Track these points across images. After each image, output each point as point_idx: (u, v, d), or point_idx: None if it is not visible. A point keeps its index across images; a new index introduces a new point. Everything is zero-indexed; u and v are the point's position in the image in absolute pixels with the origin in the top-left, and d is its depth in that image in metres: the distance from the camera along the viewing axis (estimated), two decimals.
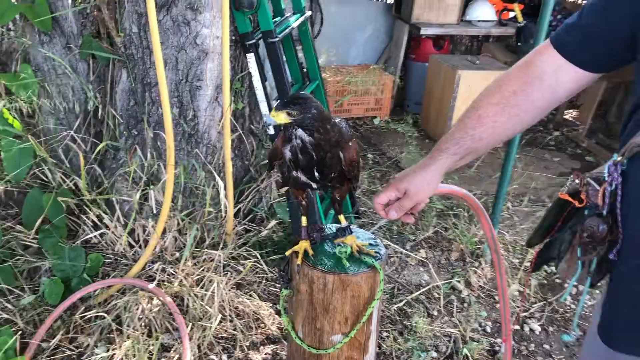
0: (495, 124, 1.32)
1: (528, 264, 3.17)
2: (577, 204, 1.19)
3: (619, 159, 1.12)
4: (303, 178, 1.34)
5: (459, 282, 3.07)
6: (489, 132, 1.33)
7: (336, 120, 1.33)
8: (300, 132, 1.23)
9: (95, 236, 2.68)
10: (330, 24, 5.23)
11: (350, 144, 1.33)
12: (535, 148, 4.82)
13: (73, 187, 2.72)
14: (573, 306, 3.00)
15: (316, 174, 1.31)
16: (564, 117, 5.47)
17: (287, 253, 1.48)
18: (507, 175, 3.06)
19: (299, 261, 1.41)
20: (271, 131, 2.65)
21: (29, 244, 2.70)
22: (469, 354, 2.61)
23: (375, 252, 1.45)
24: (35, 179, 2.81)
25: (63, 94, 2.76)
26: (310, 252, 1.42)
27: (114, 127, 2.72)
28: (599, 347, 1.18)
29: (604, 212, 1.13)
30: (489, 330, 2.81)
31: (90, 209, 2.65)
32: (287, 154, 1.29)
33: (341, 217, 1.50)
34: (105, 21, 2.55)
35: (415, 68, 5.60)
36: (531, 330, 2.82)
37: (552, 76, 1.27)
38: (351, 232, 1.50)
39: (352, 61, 5.65)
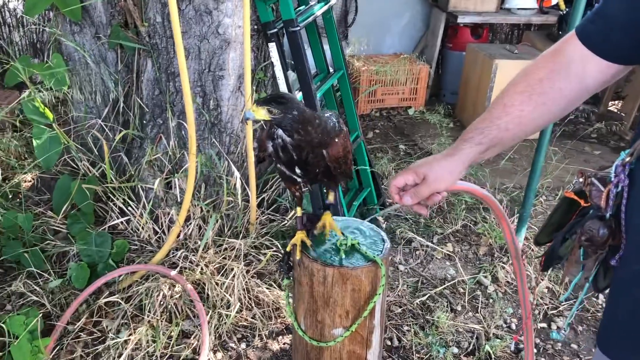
0: (521, 113, 1.26)
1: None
2: (582, 203, 1.12)
3: (627, 159, 1.05)
4: (287, 172, 1.32)
5: (485, 277, 3.00)
6: (516, 122, 1.26)
7: (326, 116, 1.30)
8: (280, 132, 1.21)
9: (121, 223, 2.74)
10: (365, 12, 5.18)
11: (337, 139, 1.28)
12: (574, 140, 4.65)
13: (100, 175, 2.79)
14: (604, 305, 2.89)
15: (298, 170, 1.29)
16: (608, 108, 5.25)
17: (288, 248, 1.47)
18: (537, 169, 2.96)
19: (297, 254, 1.40)
20: None
21: (58, 229, 2.79)
22: (491, 351, 2.55)
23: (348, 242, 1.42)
24: (67, 166, 2.89)
25: (92, 83, 2.82)
26: (308, 242, 1.41)
27: (140, 116, 2.77)
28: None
29: (607, 215, 1.06)
30: (514, 327, 2.73)
31: (116, 196, 2.71)
32: (270, 148, 1.27)
33: (330, 193, 1.47)
34: (131, 11, 2.58)
35: (452, 57, 5.48)
36: (558, 328, 2.73)
37: (579, 65, 1.20)
38: (328, 209, 1.46)
39: (387, 50, 5.58)
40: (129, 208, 2.70)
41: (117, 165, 2.84)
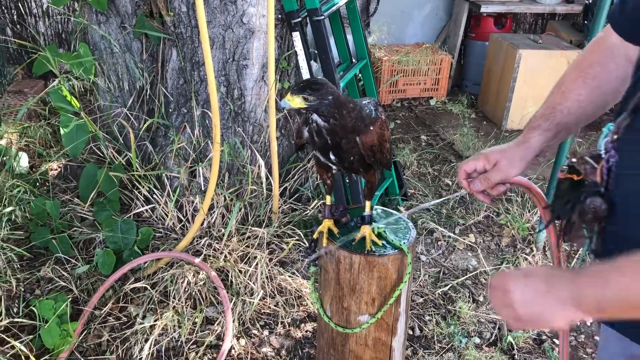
0: (579, 97, 1.31)
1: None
2: (575, 177, 1.15)
3: (615, 136, 1.09)
4: (322, 159, 1.33)
5: (507, 268, 2.99)
6: (575, 105, 1.31)
7: (363, 102, 1.30)
8: (315, 116, 1.22)
9: (146, 210, 2.78)
10: (387, 1, 5.15)
11: (372, 127, 1.28)
12: (598, 132, 4.58)
13: (126, 163, 2.82)
14: None
15: (332, 157, 1.29)
16: None
17: (315, 236, 1.48)
18: (561, 160, 2.92)
19: (324, 242, 1.41)
20: None
21: (85, 216, 2.84)
22: (513, 342, 2.54)
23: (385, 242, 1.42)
24: (93, 155, 2.94)
25: (118, 72, 2.85)
26: (335, 230, 1.42)
27: (165, 105, 2.79)
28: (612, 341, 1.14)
29: (602, 190, 1.10)
30: None
31: (141, 185, 2.75)
32: (305, 134, 1.28)
33: (367, 203, 1.47)
34: (156, 1, 2.60)
35: (475, 47, 5.43)
36: (583, 320, 2.71)
37: (621, 48, 1.25)
38: (370, 222, 1.46)
39: (409, 40, 5.54)
40: (154, 196, 2.73)
41: (142, 154, 2.88)
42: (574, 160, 1.20)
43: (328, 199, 1.47)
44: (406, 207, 3.33)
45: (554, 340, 2.60)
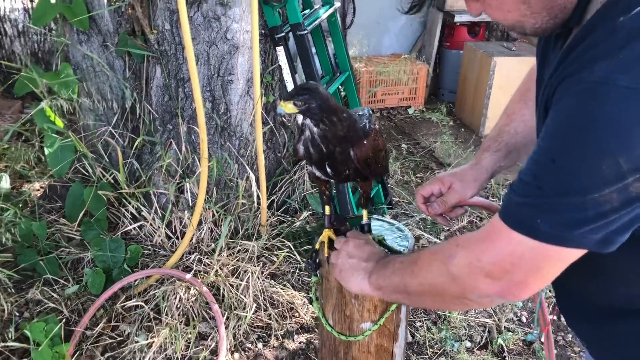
0: (524, 117, 1.39)
1: None
2: None
3: None
4: (317, 173, 1.35)
5: None
6: (522, 125, 1.39)
7: (358, 113, 1.33)
8: (308, 121, 1.24)
9: (134, 228, 2.77)
10: (363, 13, 5.23)
11: (366, 141, 1.31)
12: None
13: (112, 181, 2.81)
14: None
15: (328, 169, 1.32)
16: None
17: (317, 246, 1.50)
18: None
19: (325, 252, 1.43)
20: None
21: (72, 236, 2.81)
22: (503, 344, 2.59)
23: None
24: (77, 174, 2.92)
25: (101, 91, 2.85)
26: (336, 239, 1.44)
27: (150, 122, 2.80)
28: None
29: None
30: (524, 320, 2.78)
31: (129, 202, 2.74)
32: (301, 148, 1.30)
33: (364, 212, 1.50)
34: (139, 19, 2.62)
35: (450, 56, 5.54)
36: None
37: None
38: (370, 231, 1.49)
39: (385, 51, 5.63)
40: (142, 213, 2.73)
41: (128, 172, 2.87)
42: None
43: (327, 209, 1.49)
44: (391, 215, 3.37)
45: (542, 340, 2.65)
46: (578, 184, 0.81)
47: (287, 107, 1.23)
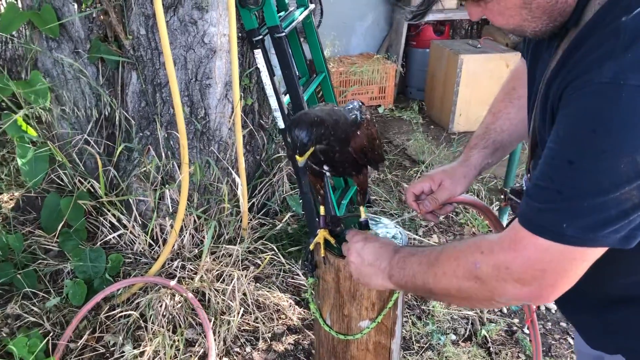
0: (509, 115, 1.44)
1: None
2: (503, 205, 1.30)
3: (528, 175, 1.20)
4: (316, 168, 1.36)
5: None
6: (507, 123, 1.44)
7: (347, 108, 1.34)
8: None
9: (114, 237, 2.73)
10: (330, 14, 5.25)
11: (359, 131, 1.32)
12: None
13: (89, 190, 2.76)
14: None
15: (325, 167, 1.34)
16: None
17: (311, 247, 1.51)
18: (515, 158, 3.08)
19: (322, 253, 1.44)
20: (281, 125, 2.68)
21: (49, 247, 2.75)
22: (487, 335, 2.65)
23: None
24: (51, 184, 2.86)
25: (74, 98, 2.80)
26: (332, 240, 1.45)
27: (127, 128, 2.76)
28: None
29: None
30: (505, 311, 2.85)
31: (108, 211, 2.70)
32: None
33: (362, 209, 1.51)
34: (112, 25, 2.58)
35: (417, 55, 5.62)
36: (547, 309, 2.86)
37: None
38: (368, 228, 1.51)
39: (353, 51, 5.67)
40: (122, 222, 2.69)
41: (105, 180, 2.82)
42: (502, 197, 1.34)
43: (322, 209, 1.50)
44: (371, 213, 3.41)
45: (524, 330, 2.72)
46: (598, 185, 0.83)
47: (303, 159, 1.22)
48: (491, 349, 2.59)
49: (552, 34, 1.01)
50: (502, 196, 1.33)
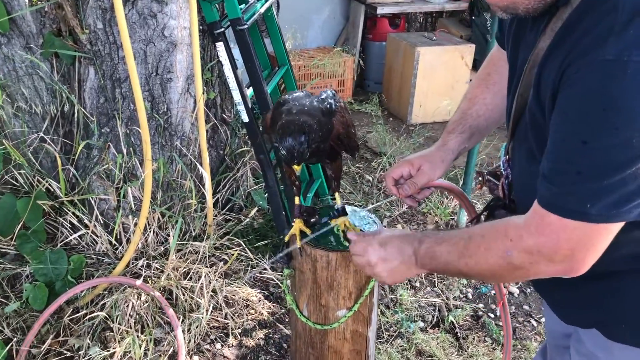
0: (485, 100, 1.48)
1: None
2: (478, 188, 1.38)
3: (507, 156, 1.25)
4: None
5: None
6: (483, 109, 1.48)
7: (321, 97, 1.34)
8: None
9: (75, 238, 2.64)
10: (286, 8, 5.21)
11: (334, 119, 1.33)
12: None
13: (47, 190, 2.67)
14: None
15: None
16: None
17: (286, 238, 1.50)
18: (475, 149, 3.14)
19: (298, 243, 1.44)
20: (245, 118, 2.66)
21: (6, 250, 2.64)
22: (454, 321, 2.70)
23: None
24: (5, 185, 2.74)
25: (27, 96, 2.69)
26: (308, 231, 1.45)
27: (85, 126, 2.68)
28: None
29: (507, 202, 1.27)
30: (470, 296, 2.91)
31: (68, 211, 2.61)
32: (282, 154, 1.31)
33: (337, 196, 1.53)
34: (67, 18, 2.49)
35: (373, 48, 5.66)
36: (510, 293, 2.94)
37: None
38: (345, 213, 1.52)
39: (310, 44, 5.66)
40: (84, 221, 2.61)
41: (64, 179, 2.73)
42: (480, 179, 1.40)
43: (297, 200, 1.50)
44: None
45: (489, 314, 2.79)
46: (615, 162, 0.86)
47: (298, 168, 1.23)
48: (459, 334, 2.65)
49: (541, 12, 1.02)
50: (480, 178, 1.36)
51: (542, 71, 0.98)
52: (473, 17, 5.49)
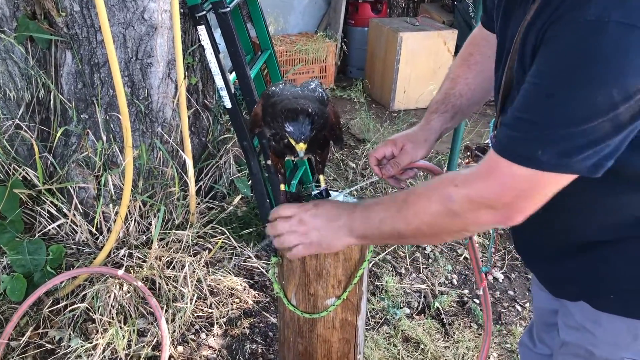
0: (467, 80, 1.47)
1: None
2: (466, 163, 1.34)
3: (495, 132, 1.23)
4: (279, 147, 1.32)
5: None
6: (465, 89, 1.46)
7: (309, 87, 1.31)
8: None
9: (53, 227, 2.58)
10: None
11: (328, 109, 1.31)
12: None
13: (24, 178, 2.59)
14: None
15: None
16: None
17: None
18: (460, 132, 3.13)
19: None
20: (228, 104, 2.60)
21: None
22: (440, 307, 2.70)
23: None
24: None
25: (1, 81, 2.60)
26: None
27: (62, 112, 2.60)
28: None
29: None
30: (455, 282, 2.92)
31: (46, 200, 2.54)
32: (267, 132, 1.27)
33: (321, 178, 1.50)
34: (42, 1, 2.40)
35: (355, 33, 5.61)
36: (495, 278, 2.95)
37: (492, 38, 1.35)
38: (328, 195, 1.50)
39: (292, 30, 5.60)
40: (63, 210, 2.55)
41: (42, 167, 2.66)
42: (468, 154, 1.37)
43: (283, 187, 1.48)
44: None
45: (474, 300, 2.80)
46: (574, 115, 0.86)
47: (301, 147, 1.18)
48: (445, 320, 2.65)
49: None
50: (468, 153, 1.35)
51: (526, 38, 0.97)
52: (455, 3, 5.47)
